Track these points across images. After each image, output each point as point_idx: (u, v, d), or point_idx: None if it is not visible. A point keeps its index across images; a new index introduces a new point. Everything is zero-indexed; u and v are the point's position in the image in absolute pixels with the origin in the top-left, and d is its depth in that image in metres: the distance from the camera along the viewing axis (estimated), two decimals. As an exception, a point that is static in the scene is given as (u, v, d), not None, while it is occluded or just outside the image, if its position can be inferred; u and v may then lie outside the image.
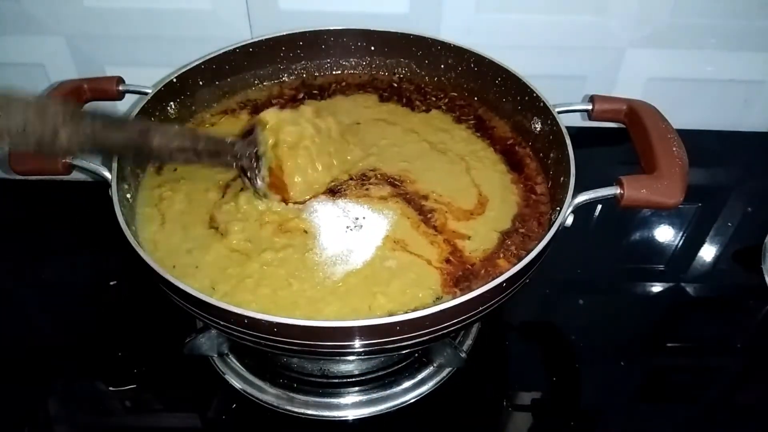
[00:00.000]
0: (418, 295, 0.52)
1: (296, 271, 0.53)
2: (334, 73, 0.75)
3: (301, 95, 0.72)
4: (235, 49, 0.68)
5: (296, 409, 0.59)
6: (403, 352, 0.59)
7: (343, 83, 0.74)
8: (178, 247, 0.55)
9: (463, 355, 0.59)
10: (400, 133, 0.68)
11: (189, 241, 0.56)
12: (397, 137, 0.67)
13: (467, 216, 0.59)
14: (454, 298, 0.46)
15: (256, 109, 0.70)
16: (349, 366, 0.61)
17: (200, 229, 0.57)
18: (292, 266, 0.54)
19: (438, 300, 0.51)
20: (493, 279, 0.46)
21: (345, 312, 0.50)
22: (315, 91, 0.73)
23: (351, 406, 0.60)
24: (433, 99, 0.72)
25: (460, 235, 0.57)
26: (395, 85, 0.74)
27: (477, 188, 0.62)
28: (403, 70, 0.74)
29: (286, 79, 0.74)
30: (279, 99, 0.72)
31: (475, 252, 0.56)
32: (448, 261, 0.55)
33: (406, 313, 0.45)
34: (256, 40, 0.69)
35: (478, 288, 0.46)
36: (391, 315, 0.47)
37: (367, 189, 0.60)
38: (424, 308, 0.44)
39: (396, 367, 0.61)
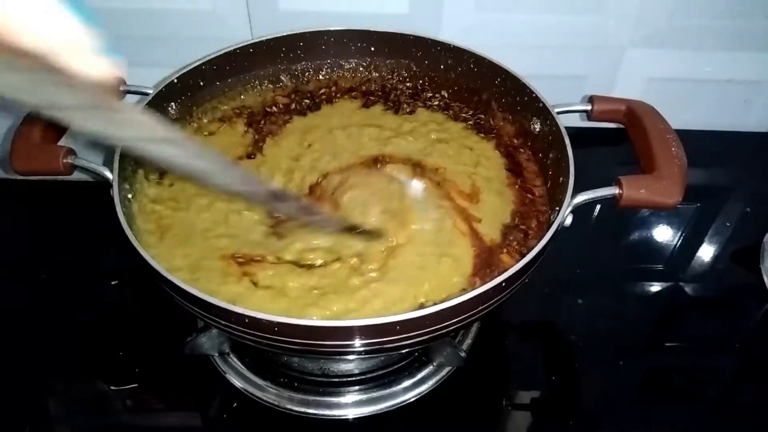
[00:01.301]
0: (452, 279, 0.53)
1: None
2: (334, 72, 0.75)
3: (305, 101, 0.73)
4: (235, 49, 0.68)
5: (297, 408, 0.59)
6: (403, 351, 0.59)
7: (339, 87, 0.74)
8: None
9: (463, 354, 0.59)
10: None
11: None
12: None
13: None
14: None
15: (252, 116, 0.70)
16: (350, 365, 0.62)
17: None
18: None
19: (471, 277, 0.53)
20: (493, 278, 0.46)
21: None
22: (322, 90, 0.74)
23: (351, 405, 0.60)
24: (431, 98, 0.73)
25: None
26: (390, 86, 0.74)
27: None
28: (402, 71, 0.74)
29: (285, 80, 0.74)
30: (273, 106, 0.72)
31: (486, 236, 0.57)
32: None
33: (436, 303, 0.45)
34: (256, 40, 0.69)
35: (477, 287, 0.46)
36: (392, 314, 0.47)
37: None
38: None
39: (396, 366, 0.62)
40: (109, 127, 0.24)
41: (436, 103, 0.72)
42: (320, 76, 0.74)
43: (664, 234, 0.78)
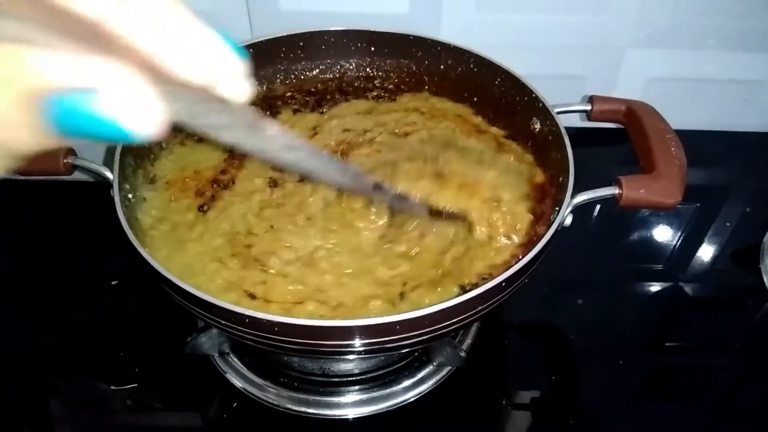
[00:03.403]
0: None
1: None
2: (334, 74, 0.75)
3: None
4: (235, 49, 0.68)
5: (297, 408, 0.59)
6: (403, 351, 0.59)
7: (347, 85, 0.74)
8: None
9: (463, 354, 0.59)
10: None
11: None
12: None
13: None
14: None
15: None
16: (350, 365, 0.62)
17: None
18: None
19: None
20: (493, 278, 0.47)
21: None
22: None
23: (351, 405, 0.60)
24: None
25: None
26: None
27: None
28: (402, 71, 0.74)
29: (286, 80, 0.74)
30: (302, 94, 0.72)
31: None
32: None
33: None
34: (256, 40, 0.70)
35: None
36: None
37: None
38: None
39: (396, 366, 0.62)
40: (254, 141, 0.27)
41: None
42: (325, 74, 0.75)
43: (663, 234, 0.78)
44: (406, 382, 0.61)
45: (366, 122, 0.69)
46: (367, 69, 0.74)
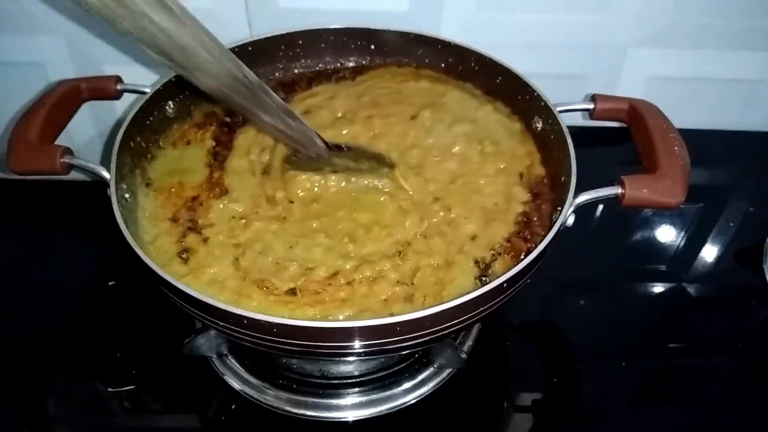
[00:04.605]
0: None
1: None
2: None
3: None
4: (234, 48, 0.68)
5: (296, 410, 0.59)
6: (404, 352, 0.59)
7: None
8: None
9: (464, 355, 0.59)
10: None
11: None
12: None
13: None
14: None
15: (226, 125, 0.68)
16: (349, 367, 0.61)
17: None
18: None
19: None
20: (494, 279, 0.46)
21: None
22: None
23: (351, 407, 0.59)
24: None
25: None
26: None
27: None
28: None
29: (282, 77, 0.74)
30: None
31: None
32: None
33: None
34: (255, 38, 0.69)
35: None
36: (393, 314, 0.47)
37: None
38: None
39: (396, 368, 0.61)
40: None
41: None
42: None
43: (666, 234, 0.77)
44: (407, 384, 0.60)
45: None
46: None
